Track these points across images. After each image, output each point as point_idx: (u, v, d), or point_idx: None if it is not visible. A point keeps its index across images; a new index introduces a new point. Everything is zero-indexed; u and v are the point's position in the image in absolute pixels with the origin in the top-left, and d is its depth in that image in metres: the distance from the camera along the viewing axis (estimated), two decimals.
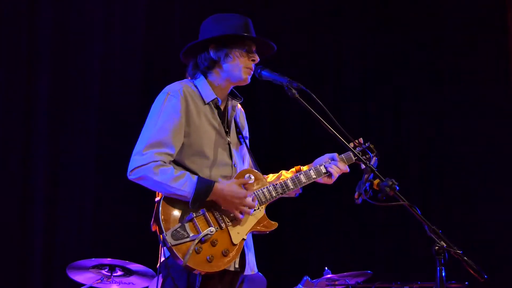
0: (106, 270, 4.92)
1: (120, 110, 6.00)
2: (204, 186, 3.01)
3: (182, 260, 2.93)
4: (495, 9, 7.47)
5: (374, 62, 7.35)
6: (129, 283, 5.03)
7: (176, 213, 3.02)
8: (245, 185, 3.11)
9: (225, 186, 3.05)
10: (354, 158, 3.33)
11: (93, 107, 6.00)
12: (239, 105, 3.45)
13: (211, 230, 3.01)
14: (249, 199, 3.08)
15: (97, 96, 6.02)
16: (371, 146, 3.38)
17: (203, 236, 2.98)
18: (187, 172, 3.06)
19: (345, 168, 3.34)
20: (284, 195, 3.34)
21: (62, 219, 5.78)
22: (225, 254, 3.03)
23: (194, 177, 3.04)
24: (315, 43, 7.21)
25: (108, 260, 4.84)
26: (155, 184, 3.03)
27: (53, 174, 5.80)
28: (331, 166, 3.31)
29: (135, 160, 3.07)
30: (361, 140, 3.37)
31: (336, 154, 3.36)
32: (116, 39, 6.18)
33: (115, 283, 4.98)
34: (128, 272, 4.93)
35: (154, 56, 6.34)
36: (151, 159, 3.04)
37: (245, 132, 3.44)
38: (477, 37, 7.37)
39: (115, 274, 4.93)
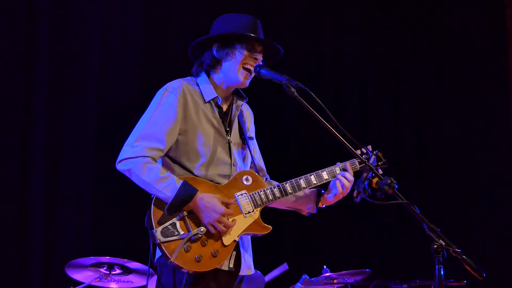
0: (104, 268, 4.92)
1: (120, 111, 5.99)
2: (185, 194, 2.98)
3: (170, 257, 2.94)
4: (495, 9, 7.48)
5: (373, 61, 7.35)
6: (128, 281, 5.02)
7: None
8: (228, 205, 3.06)
9: (205, 197, 3.01)
10: (359, 166, 3.26)
11: (92, 109, 6.00)
12: (246, 105, 3.45)
13: (201, 230, 3.00)
14: (226, 218, 3.02)
15: (95, 97, 6.01)
16: (380, 154, 3.30)
17: (193, 235, 2.97)
18: (172, 176, 3.03)
19: (351, 177, 3.25)
20: (297, 210, 3.36)
21: (61, 217, 5.78)
22: (214, 254, 3.01)
23: (179, 182, 3.00)
24: (314, 42, 7.21)
25: (106, 259, 4.84)
26: (140, 181, 3.04)
27: (53, 173, 5.80)
28: (336, 172, 3.25)
29: (125, 151, 3.08)
30: (369, 147, 3.28)
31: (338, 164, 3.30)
32: (115, 37, 6.18)
33: (113, 281, 4.97)
34: (126, 271, 4.93)
35: (153, 52, 6.34)
36: (141, 154, 3.05)
37: (250, 133, 3.40)
38: (476, 37, 7.38)
39: (113, 272, 4.93)
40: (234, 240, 3.07)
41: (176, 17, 6.48)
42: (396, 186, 2.78)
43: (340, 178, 3.23)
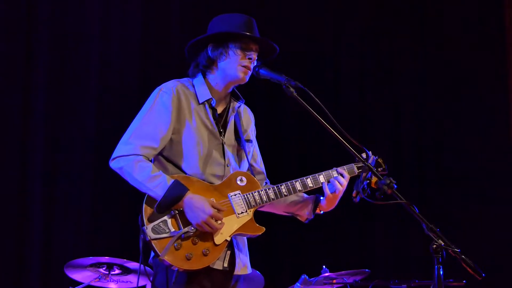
0: (104, 268, 4.91)
1: (119, 112, 5.98)
2: (174, 193, 2.98)
3: (160, 254, 2.93)
4: (494, 8, 7.48)
5: (373, 62, 7.34)
6: (127, 282, 5.02)
7: None
8: (219, 210, 3.02)
9: (195, 197, 3.00)
10: (357, 171, 3.22)
11: (91, 109, 5.99)
12: (247, 108, 3.44)
13: (192, 228, 2.99)
14: (214, 221, 2.99)
15: (94, 98, 6.01)
16: (380, 160, 3.24)
17: (183, 233, 2.97)
18: (164, 175, 3.04)
19: (345, 181, 3.21)
20: (294, 216, 3.36)
21: (60, 217, 5.78)
22: (205, 253, 3.00)
23: (170, 181, 3.01)
24: (314, 43, 7.20)
25: (106, 259, 4.83)
26: (132, 179, 3.06)
27: (51, 172, 5.79)
28: (332, 176, 3.22)
29: (119, 149, 3.12)
30: (370, 153, 3.21)
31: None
32: (114, 36, 6.18)
33: (113, 281, 4.97)
34: (126, 271, 4.92)
35: (152, 52, 6.34)
36: (135, 152, 3.07)
37: (247, 135, 3.38)
38: (475, 37, 7.38)
39: (113, 272, 4.92)
40: (226, 240, 3.06)
41: (176, 17, 6.48)
42: (395, 186, 2.78)
43: (332, 181, 3.22)
